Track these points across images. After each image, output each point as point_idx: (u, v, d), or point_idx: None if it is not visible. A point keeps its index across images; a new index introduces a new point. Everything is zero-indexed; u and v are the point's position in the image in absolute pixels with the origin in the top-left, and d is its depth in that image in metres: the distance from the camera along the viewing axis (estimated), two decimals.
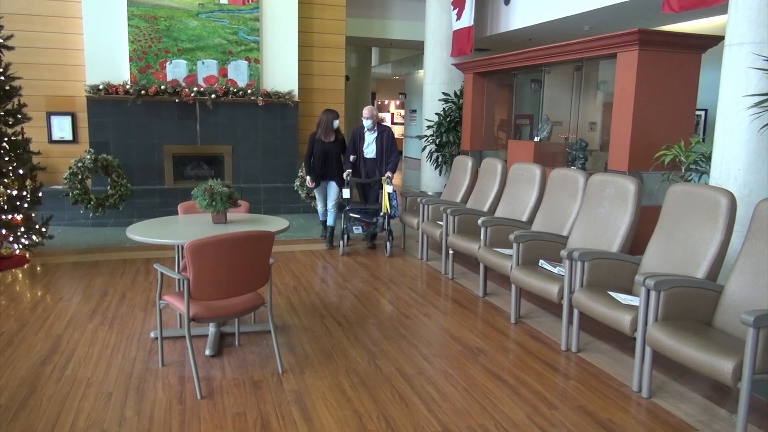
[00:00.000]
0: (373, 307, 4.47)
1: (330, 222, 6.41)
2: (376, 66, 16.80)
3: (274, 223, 3.83)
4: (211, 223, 3.77)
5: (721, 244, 3.15)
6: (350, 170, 6.13)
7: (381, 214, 6.04)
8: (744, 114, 3.87)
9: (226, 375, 3.24)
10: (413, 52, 13.52)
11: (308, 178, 6.28)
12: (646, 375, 3.06)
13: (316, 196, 6.47)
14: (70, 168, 6.44)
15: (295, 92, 8.23)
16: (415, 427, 2.72)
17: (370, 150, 6.20)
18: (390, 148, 6.17)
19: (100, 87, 7.36)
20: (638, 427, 2.77)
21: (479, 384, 3.19)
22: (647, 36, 4.68)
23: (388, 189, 5.93)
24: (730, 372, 2.50)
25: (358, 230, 6.07)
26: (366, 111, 6.18)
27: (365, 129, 6.20)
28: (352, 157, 6.22)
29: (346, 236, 6.12)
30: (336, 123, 6.19)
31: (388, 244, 6.10)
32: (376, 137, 6.17)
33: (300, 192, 7.56)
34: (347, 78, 11.03)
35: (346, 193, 6.11)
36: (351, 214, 6.09)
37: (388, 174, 6.01)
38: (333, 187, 6.31)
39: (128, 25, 7.46)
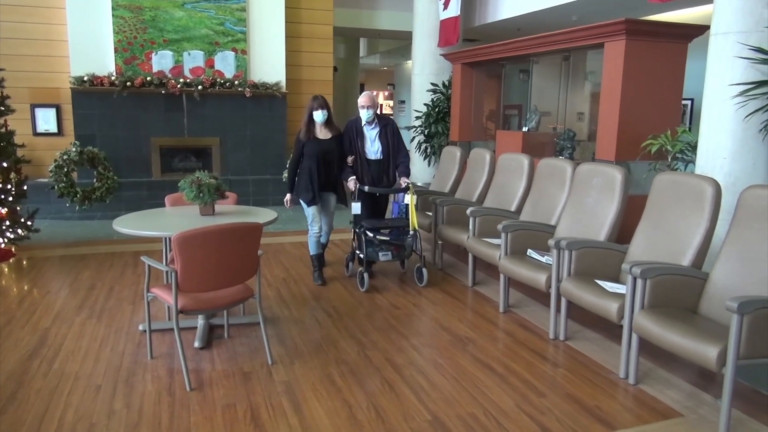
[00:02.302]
0: (363, 297, 4.47)
1: (323, 239, 4.89)
2: (365, 57, 16.69)
3: (263, 215, 3.82)
4: (198, 215, 3.75)
5: (707, 232, 3.18)
6: (354, 176, 4.71)
7: (411, 233, 4.66)
8: (730, 103, 3.90)
9: (215, 367, 3.23)
10: (402, 43, 13.45)
11: (288, 196, 4.77)
12: (632, 362, 3.09)
13: (310, 217, 4.75)
14: (55, 161, 6.36)
15: (283, 83, 8.20)
16: (405, 417, 2.74)
17: (374, 149, 4.79)
18: (398, 146, 4.81)
19: (85, 78, 7.28)
20: (625, 414, 2.80)
21: (468, 373, 3.21)
22: (634, 26, 4.69)
23: (413, 200, 4.66)
24: (714, 358, 2.54)
25: (386, 257, 4.60)
26: (365, 98, 4.69)
27: (363, 122, 4.75)
28: (350, 159, 4.78)
29: (356, 263, 4.87)
30: (319, 115, 4.56)
31: (424, 270, 4.71)
32: (380, 133, 4.79)
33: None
34: (335, 69, 10.98)
35: (356, 208, 4.64)
36: (377, 237, 4.62)
37: (407, 180, 4.72)
38: (332, 201, 4.88)
39: (113, 15, 7.37)
